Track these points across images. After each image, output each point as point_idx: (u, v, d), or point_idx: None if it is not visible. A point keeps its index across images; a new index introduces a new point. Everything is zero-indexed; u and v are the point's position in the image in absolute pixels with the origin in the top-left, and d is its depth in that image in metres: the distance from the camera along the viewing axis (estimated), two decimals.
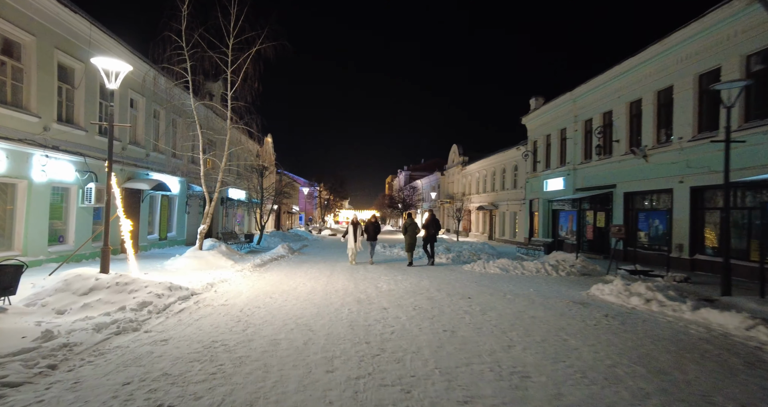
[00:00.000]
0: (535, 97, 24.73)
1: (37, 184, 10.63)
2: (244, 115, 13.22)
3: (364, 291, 8.40)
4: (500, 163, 29.62)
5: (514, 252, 18.93)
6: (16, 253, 10.23)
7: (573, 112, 20.10)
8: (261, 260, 13.13)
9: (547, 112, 22.87)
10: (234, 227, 27.54)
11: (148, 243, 16.21)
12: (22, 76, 10.31)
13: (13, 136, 9.85)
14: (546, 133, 23.41)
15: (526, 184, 25.57)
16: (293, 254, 16.49)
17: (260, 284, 9.17)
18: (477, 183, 33.98)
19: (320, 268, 12.21)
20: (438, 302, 7.35)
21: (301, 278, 10.17)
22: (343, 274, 10.95)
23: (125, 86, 14.27)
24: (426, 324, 5.78)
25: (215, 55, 12.45)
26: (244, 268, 11.38)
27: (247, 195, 26.14)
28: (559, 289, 9.02)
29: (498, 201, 29.57)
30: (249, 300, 7.33)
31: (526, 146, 25.76)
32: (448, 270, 12.22)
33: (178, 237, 18.92)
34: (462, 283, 9.59)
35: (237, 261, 12.64)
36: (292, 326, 5.60)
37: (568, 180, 20.59)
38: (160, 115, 17.07)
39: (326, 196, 53.58)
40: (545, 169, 23.45)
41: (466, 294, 8.11)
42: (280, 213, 41.91)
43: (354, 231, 13.44)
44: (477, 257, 15.59)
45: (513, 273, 11.55)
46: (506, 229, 28.47)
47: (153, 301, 6.25)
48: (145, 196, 15.69)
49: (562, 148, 21.77)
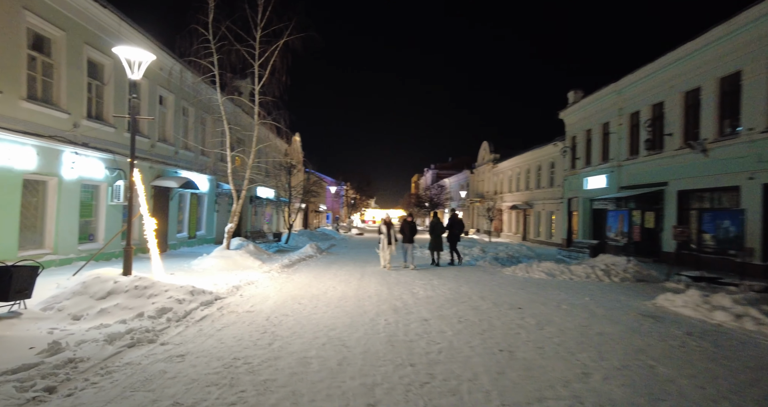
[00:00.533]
0: (574, 91, 23.26)
1: (67, 181, 10.46)
2: (272, 110, 12.74)
3: (399, 297, 7.64)
4: (535, 160, 28.19)
5: (554, 255, 17.70)
6: (47, 251, 10.07)
7: (617, 104, 18.63)
8: (289, 260, 12.61)
9: (588, 106, 21.41)
10: (262, 226, 27.42)
11: (177, 241, 16.05)
12: (52, 72, 10.14)
13: (43, 132, 9.67)
14: (586, 128, 21.93)
15: (564, 182, 24.13)
16: (321, 254, 15.95)
17: (288, 287, 8.57)
18: (509, 181, 32.58)
19: (350, 270, 11.54)
20: (485, 313, 6.49)
21: (330, 281, 9.52)
22: (374, 277, 10.24)
23: (154, 83, 14.09)
24: (477, 342, 4.95)
25: (242, 48, 12.00)
26: (272, 269, 10.86)
27: (275, 193, 25.93)
28: (618, 298, 7.96)
29: (533, 200, 28.16)
30: (276, 306, 6.71)
31: (563, 142, 24.30)
32: (488, 274, 11.29)
33: (207, 236, 18.76)
34: (506, 290, 8.67)
35: (265, 261, 12.16)
36: (324, 340, 4.90)
37: (612, 177, 19.14)
38: (189, 112, 16.90)
39: (353, 195, 53.20)
40: (585, 166, 21.99)
41: (515, 304, 7.21)
42: (307, 212, 41.80)
43: (387, 233, 11.94)
44: (516, 259, 14.57)
45: (560, 278, 10.51)
46: (542, 230, 27.05)
47: (173, 307, 5.71)
48: (174, 194, 15.52)
49: (605, 144, 20.28)
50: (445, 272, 11.44)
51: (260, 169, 19.28)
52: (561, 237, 24.41)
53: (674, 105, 14.98)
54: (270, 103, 12.59)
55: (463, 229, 14.07)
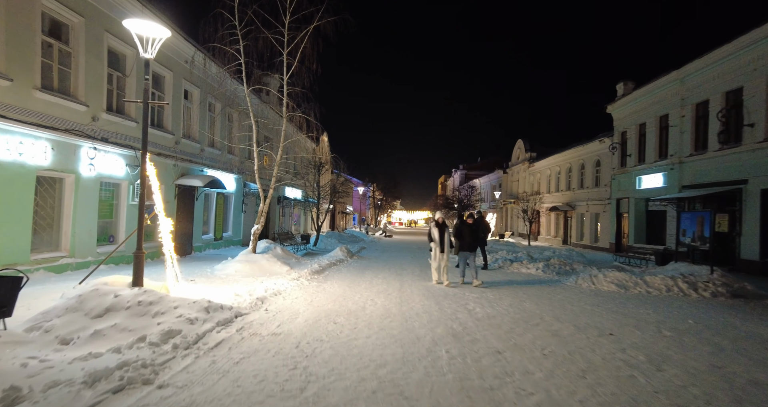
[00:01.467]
0: (623, 82, 21.19)
1: (85, 178, 9.66)
2: (302, 102, 11.63)
3: (453, 315, 6.26)
4: (577, 157, 26.10)
5: (609, 261, 15.83)
6: (63, 254, 9.28)
7: (679, 94, 16.56)
8: (319, 265, 11.44)
9: (641, 98, 19.33)
10: (290, 227, 26.57)
11: (203, 243, 15.22)
12: (70, 61, 9.35)
13: (59, 125, 8.88)
14: (639, 122, 19.84)
15: (611, 182, 22.04)
16: (352, 258, 14.74)
17: (320, 299, 7.35)
18: (548, 181, 30.50)
19: (386, 278, 10.24)
20: (571, 342, 5.03)
21: (367, 291, 8.24)
22: (416, 288, 8.89)
23: (178, 76, 13.27)
24: (586, 393, 3.53)
25: (270, 35, 10.94)
26: (301, 276, 9.69)
27: (303, 194, 25.02)
28: (730, 321, 6.29)
29: (575, 201, 26.08)
30: (308, 326, 5.48)
31: (611, 138, 22.22)
32: (547, 285, 9.73)
33: (234, 237, 17.93)
34: (579, 307, 7.14)
35: (293, 266, 11.04)
36: (373, 384, 3.60)
37: (671, 175, 17.06)
38: (215, 108, 16.09)
39: (379, 197, 51.96)
40: (637, 163, 19.89)
41: (602, 327, 5.70)
42: (334, 214, 40.92)
43: (441, 238, 9.07)
44: (570, 267, 12.90)
45: (634, 291, 8.84)
46: (585, 233, 24.95)
47: (182, 330, 4.56)
48: (199, 194, 14.71)
49: (662, 138, 18.19)
50: (502, 285, 9.95)
51: (288, 167, 18.31)
52: (608, 241, 22.32)
53: (757, 91, 12.91)
54: (299, 95, 11.49)
55: (489, 232, 13.33)
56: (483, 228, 12.97)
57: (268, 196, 11.59)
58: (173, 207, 13.28)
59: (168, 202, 13.03)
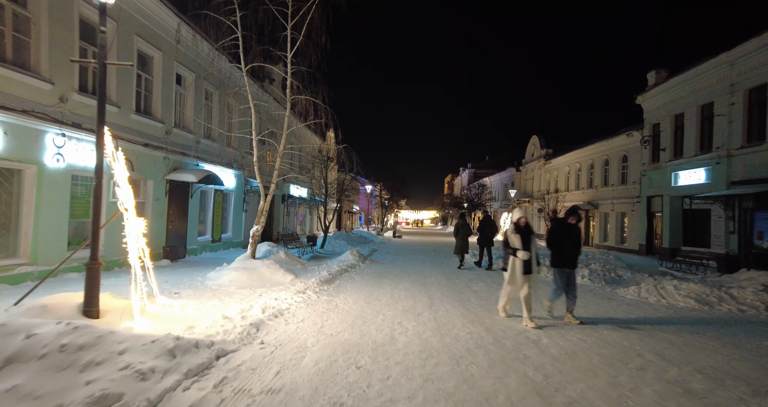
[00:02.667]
0: (655, 70, 19.31)
1: (51, 170, 8.00)
2: (308, 84, 9.92)
3: (517, 351, 4.52)
4: (601, 153, 24.22)
5: (651, 266, 14.01)
6: (21, 261, 7.62)
7: (729, 79, 14.68)
8: (328, 272, 9.72)
9: (679, 86, 17.44)
10: (296, 227, 24.91)
11: (199, 245, 13.56)
12: (29, 28, 7.70)
13: (14, 105, 7.22)
14: (675, 113, 17.96)
15: (641, 178, 20.15)
16: (364, 262, 13.01)
17: (333, 322, 5.62)
18: (566, 178, 28.61)
19: (409, 289, 8.51)
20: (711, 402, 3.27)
21: (390, 309, 6.51)
22: (449, 303, 7.15)
23: (169, 57, 11.61)
24: None
25: (272, 6, 9.25)
26: (308, 287, 7.98)
27: (309, 192, 23.34)
28: None
29: (597, 199, 24.20)
30: (320, 372, 3.76)
31: (640, 131, 20.34)
32: (607, 300, 7.96)
33: (234, 239, 16.27)
34: (676, 335, 5.36)
35: (298, 274, 9.33)
36: None
37: (717, 170, 15.19)
38: (213, 96, 14.42)
39: (386, 196, 50.16)
40: (673, 157, 18.02)
41: (741, 376, 3.93)
42: (341, 213, 39.24)
43: (524, 247, 5.72)
44: (614, 273, 11.13)
45: (721, 308, 7.05)
46: (610, 233, 23.07)
47: (125, 392, 2.86)
48: (194, 191, 13.04)
49: (705, 130, 16.31)
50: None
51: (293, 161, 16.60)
52: (637, 242, 20.44)
53: None
54: (305, 75, 9.79)
55: (496, 231, 13.06)
56: (489, 227, 12.78)
57: (269, 193, 9.90)
58: (164, 206, 11.63)
59: (158, 200, 11.39)
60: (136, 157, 10.25)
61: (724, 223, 14.94)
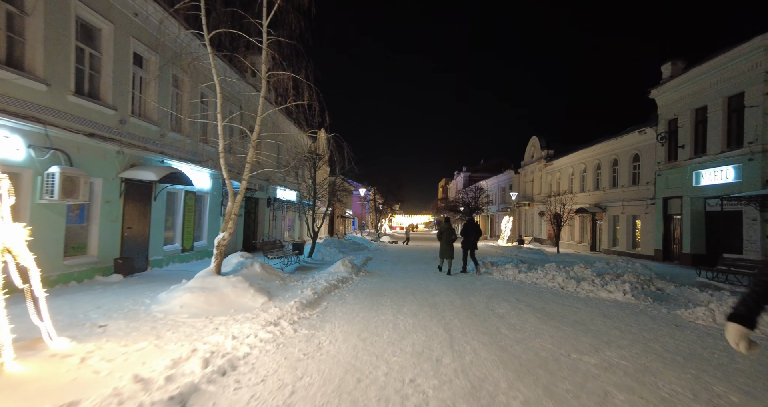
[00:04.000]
0: (671, 62, 17.73)
1: None
2: (290, 58, 7.97)
3: None
4: (608, 152, 22.56)
5: (687, 276, 12.18)
6: None
7: (764, 65, 13.04)
8: (313, 291, 7.70)
9: (701, 77, 15.81)
10: (283, 234, 22.81)
11: (165, 256, 11.47)
12: None
13: None
14: (696, 106, 16.33)
15: (656, 178, 18.48)
16: (358, 275, 11.01)
17: (311, 385, 3.61)
18: (570, 180, 26.93)
19: (417, 314, 6.53)
20: None
21: (397, 353, 4.53)
22: (473, 335, 5.19)
23: (124, 32, 9.59)
24: None
25: None
26: (284, 314, 5.97)
27: (298, 195, 21.31)
28: None
29: (606, 201, 22.50)
30: None
31: (654, 127, 18.71)
32: (666, 324, 6.06)
33: (210, 248, 14.15)
34: None
35: (274, 294, 7.32)
36: None
37: (749, 168, 13.51)
38: (184, 84, 12.41)
39: (380, 200, 48.12)
40: (694, 155, 16.37)
41: None
42: (333, 218, 37.17)
43: None
44: (654, 286, 9.29)
45: None
46: (620, 238, 21.33)
47: None
48: (158, 192, 10.99)
49: (733, 123, 14.68)
50: (594, 321, 6.28)
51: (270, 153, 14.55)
52: (652, 247, 18.72)
53: None
54: (285, 46, 7.84)
55: (479, 235, 12.47)
56: (473, 231, 12.23)
57: (239, 192, 7.90)
58: (118, 209, 9.57)
59: (109, 202, 9.32)
60: (76, 149, 8.20)
61: (760, 226, 13.23)
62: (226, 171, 7.78)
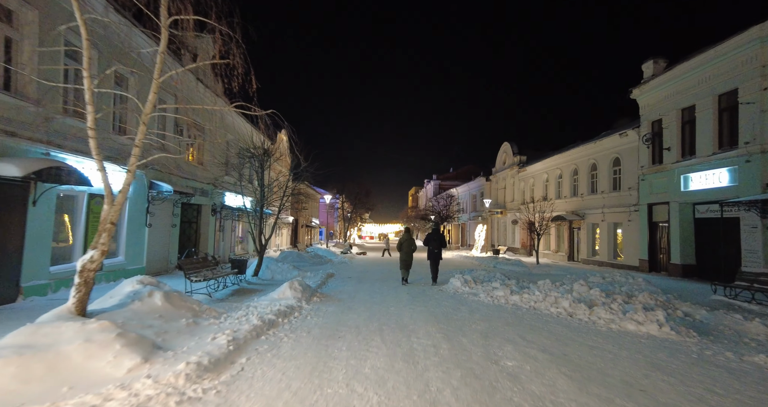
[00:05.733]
0: (653, 60, 16.58)
1: None
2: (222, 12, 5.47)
3: None
4: (586, 157, 21.28)
5: (699, 292, 10.46)
6: None
7: (759, 58, 11.84)
8: (232, 337, 5.10)
9: (688, 74, 14.62)
10: (236, 247, 19.76)
11: (52, 279, 8.46)
12: None
13: None
14: (682, 106, 15.12)
15: (639, 183, 17.16)
16: (310, 301, 8.46)
17: None
18: (544, 187, 25.57)
19: (384, 376, 4.14)
20: None
21: None
22: None
23: None
24: None
25: None
26: (156, 395, 3.39)
27: (252, 202, 18.45)
28: None
29: (584, 209, 21.12)
30: None
31: (637, 129, 17.48)
32: (758, 382, 3.98)
33: (129, 265, 11.18)
34: None
35: (166, 344, 4.69)
36: None
37: (746, 170, 12.22)
38: None
39: (349, 209, 45.45)
40: (681, 158, 15.10)
41: None
42: (297, 227, 34.20)
43: None
44: (680, 312, 7.36)
45: None
46: (601, 247, 19.90)
47: None
48: (40, 194, 8.04)
49: (724, 123, 13.45)
50: (653, 381, 4.11)
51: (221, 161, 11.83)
52: (637, 257, 17.30)
53: None
54: None
55: (444, 245, 11.74)
56: (436, 241, 11.54)
57: (122, 191, 5.27)
58: None
59: None
60: None
61: (761, 235, 11.87)
62: (97, 155, 5.14)
